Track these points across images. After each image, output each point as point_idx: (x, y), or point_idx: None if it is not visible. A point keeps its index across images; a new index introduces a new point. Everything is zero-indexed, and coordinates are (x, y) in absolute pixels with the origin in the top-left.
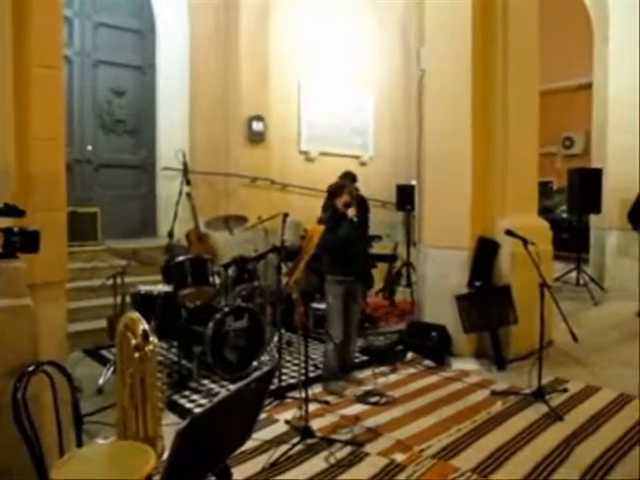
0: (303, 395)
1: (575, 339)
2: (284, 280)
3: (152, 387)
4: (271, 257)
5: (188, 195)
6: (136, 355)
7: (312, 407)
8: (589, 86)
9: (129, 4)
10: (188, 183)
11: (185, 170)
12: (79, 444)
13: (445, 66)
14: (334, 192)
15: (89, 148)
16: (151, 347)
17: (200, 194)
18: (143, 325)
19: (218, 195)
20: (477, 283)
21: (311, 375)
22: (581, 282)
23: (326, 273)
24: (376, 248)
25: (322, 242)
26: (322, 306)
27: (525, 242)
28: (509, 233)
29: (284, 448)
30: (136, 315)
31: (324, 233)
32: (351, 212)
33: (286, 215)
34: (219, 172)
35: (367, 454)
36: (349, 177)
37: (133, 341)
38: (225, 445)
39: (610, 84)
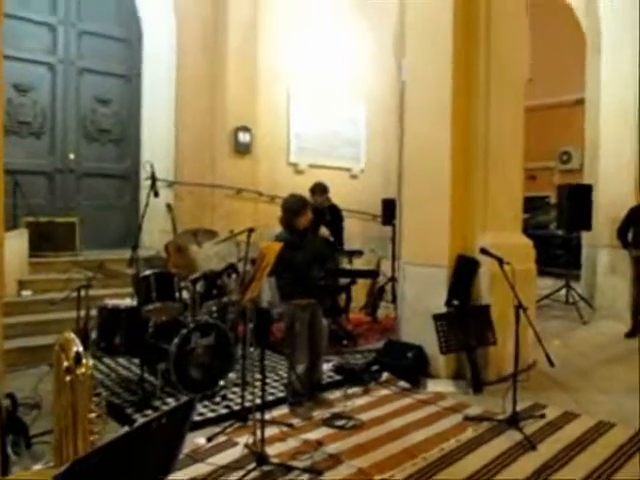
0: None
1: (551, 364)
2: (239, 297)
3: (83, 413)
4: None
5: (169, 206)
6: (67, 378)
7: (274, 430)
8: None
9: (115, 13)
10: (156, 195)
11: (153, 182)
12: (4, 473)
13: (425, 78)
14: (296, 211)
15: (71, 157)
16: (83, 370)
17: (185, 205)
18: (77, 347)
19: (204, 206)
20: (455, 302)
21: (280, 395)
22: (570, 300)
23: (287, 297)
24: (358, 264)
25: (282, 264)
26: None
27: (500, 261)
28: (484, 252)
29: (238, 475)
30: (71, 335)
31: (283, 254)
32: (324, 232)
33: (251, 230)
34: (204, 183)
35: None
36: (320, 188)
37: (65, 363)
38: None
39: (602, 100)
